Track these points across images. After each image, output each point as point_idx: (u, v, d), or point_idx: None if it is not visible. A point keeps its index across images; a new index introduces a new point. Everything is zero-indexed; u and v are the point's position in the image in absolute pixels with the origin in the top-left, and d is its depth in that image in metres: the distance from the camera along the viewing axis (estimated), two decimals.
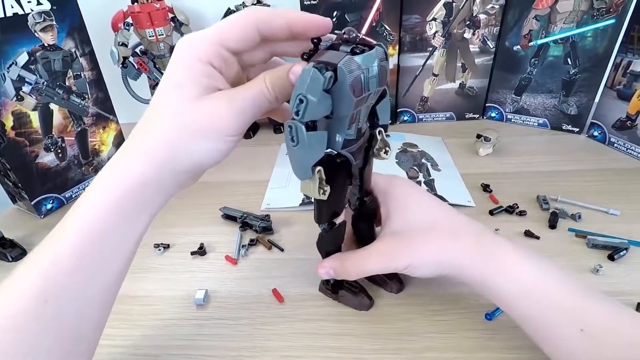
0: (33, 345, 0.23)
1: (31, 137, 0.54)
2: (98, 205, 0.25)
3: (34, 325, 0.23)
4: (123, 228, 0.26)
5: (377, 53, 0.26)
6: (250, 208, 0.54)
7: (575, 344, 0.28)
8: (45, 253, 0.25)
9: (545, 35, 0.65)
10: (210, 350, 0.37)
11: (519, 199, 0.53)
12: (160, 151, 0.25)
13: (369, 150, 0.33)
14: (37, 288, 0.24)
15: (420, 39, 0.69)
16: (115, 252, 0.26)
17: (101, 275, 0.26)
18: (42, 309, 0.23)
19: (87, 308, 0.26)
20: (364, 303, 0.39)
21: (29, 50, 0.51)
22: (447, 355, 0.35)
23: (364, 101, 0.27)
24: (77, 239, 0.25)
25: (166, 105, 0.26)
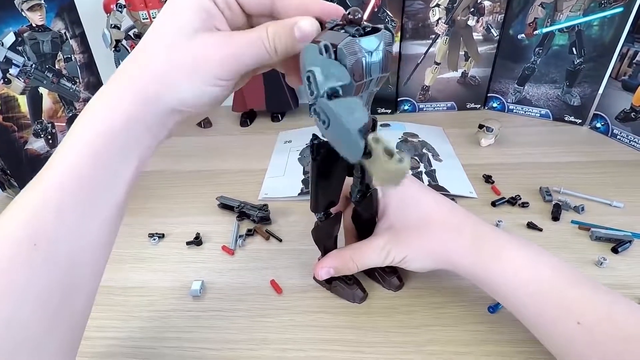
0: (23, 292, 0.22)
1: (20, 122, 0.52)
2: (85, 140, 0.23)
3: (22, 271, 0.22)
4: (112, 167, 0.24)
5: (382, 36, 0.24)
6: (247, 198, 0.53)
7: (572, 335, 0.28)
8: (31, 195, 0.23)
9: (550, 24, 0.63)
10: (207, 342, 0.36)
11: (521, 190, 0.52)
12: (147, 83, 0.24)
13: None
14: (25, 232, 0.22)
15: (422, 25, 0.67)
16: (104, 193, 0.24)
17: (92, 217, 0.24)
18: (31, 254, 0.22)
19: (79, 253, 0.24)
20: (357, 295, 0.38)
21: (16, 31, 0.49)
22: (450, 348, 0.34)
23: (364, 87, 0.25)
24: (65, 178, 0.23)
25: (159, 37, 0.24)
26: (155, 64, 0.24)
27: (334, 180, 0.33)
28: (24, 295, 0.22)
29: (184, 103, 0.25)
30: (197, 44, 0.24)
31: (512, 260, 0.32)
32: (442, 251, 0.34)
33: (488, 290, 0.33)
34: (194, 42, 0.24)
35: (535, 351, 0.33)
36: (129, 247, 0.47)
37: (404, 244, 0.35)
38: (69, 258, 0.23)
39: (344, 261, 0.36)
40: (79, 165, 0.23)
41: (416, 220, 0.35)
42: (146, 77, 0.24)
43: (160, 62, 0.24)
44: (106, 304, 0.40)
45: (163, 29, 0.24)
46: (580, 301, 0.29)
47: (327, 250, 0.38)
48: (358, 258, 0.36)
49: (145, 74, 0.24)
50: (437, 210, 0.36)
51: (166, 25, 0.24)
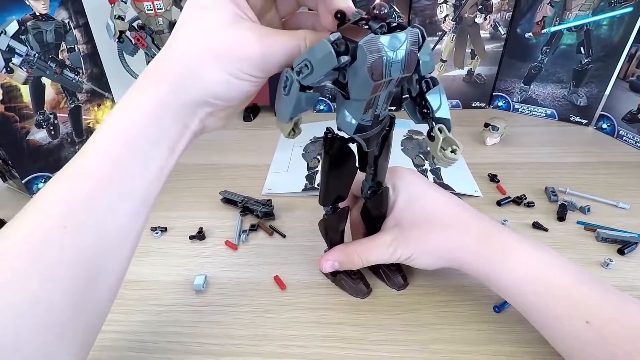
0: (52, 272, 0.22)
1: (22, 112, 0.51)
2: (117, 128, 0.24)
3: (52, 250, 0.22)
4: (142, 155, 0.24)
5: (408, 35, 0.23)
6: (250, 193, 0.52)
7: (581, 335, 0.28)
8: (64, 179, 0.24)
9: (559, 23, 0.63)
10: (210, 338, 0.35)
11: (527, 190, 0.51)
12: (177, 73, 0.24)
13: (387, 138, 0.31)
14: (56, 213, 0.23)
15: (430, 22, 0.67)
16: (133, 181, 0.24)
17: (121, 204, 0.24)
18: (61, 234, 0.22)
19: (107, 238, 0.24)
20: (360, 290, 0.38)
21: (19, 19, 0.48)
22: (455, 347, 0.34)
23: (383, 86, 0.25)
24: (95, 165, 0.24)
25: (194, 23, 0.24)
26: (186, 53, 0.24)
27: (344, 175, 0.33)
28: (53, 274, 0.22)
29: (212, 94, 0.25)
30: (233, 35, 0.24)
31: (521, 258, 0.32)
32: (448, 249, 0.34)
33: (496, 289, 0.33)
34: (230, 33, 0.24)
35: (541, 351, 0.33)
36: None
37: (410, 242, 0.35)
38: (97, 243, 0.24)
39: (350, 256, 0.36)
40: (109, 153, 0.24)
41: (423, 218, 0.35)
42: (176, 67, 0.24)
43: (192, 53, 0.24)
44: None
45: (197, 17, 0.24)
46: (589, 301, 0.29)
47: (333, 244, 0.38)
48: (364, 253, 0.36)
49: (175, 64, 0.24)
50: (445, 208, 0.35)
51: (199, 14, 0.24)
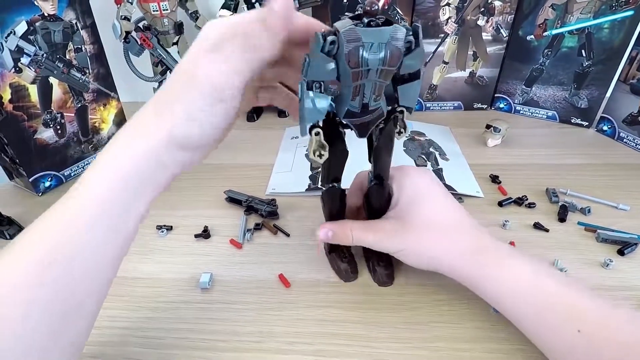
0: (32, 312, 0.23)
1: (30, 111, 0.52)
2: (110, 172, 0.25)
3: (34, 290, 0.23)
4: (128, 199, 0.26)
5: (392, 31, 0.25)
6: (254, 192, 0.53)
7: (573, 344, 0.28)
8: (50, 220, 0.25)
9: (560, 25, 0.63)
10: (215, 334, 0.36)
11: (528, 191, 0.52)
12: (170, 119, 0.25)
13: (386, 132, 0.32)
14: (41, 254, 0.23)
15: (432, 24, 0.68)
16: (118, 223, 0.26)
17: (108, 244, 0.25)
18: (43, 273, 0.23)
19: (89, 276, 0.25)
20: (347, 272, 0.40)
21: (28, 20, 0.49)
22: (455, 345, 0.34)
23: (363, 75, 0.26)
24: (85, 206, 0.24)
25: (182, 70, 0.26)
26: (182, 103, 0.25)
27: (336, 156, 0.34)
28: (34, 313, 0.23)
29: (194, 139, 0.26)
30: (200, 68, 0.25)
31: (513, 268, 0.32)
32: (440, 254, 0.35)
33: (487, 298, 0.33)
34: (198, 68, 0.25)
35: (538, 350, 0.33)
36: (137, 238, 0.45)
37: (403, 238, 0.35)
38: (79, 283, 0.25)
39: (344, 229, 0.37)
40: (98, 198, 0.25)
41: (422, 219, 0.36)
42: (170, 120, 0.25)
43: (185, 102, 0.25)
44: (115, 294, 0.40)
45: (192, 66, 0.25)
46: (580, 309, 0.29)
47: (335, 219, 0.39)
48: (357, 231, 0.36)
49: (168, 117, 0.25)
50: (446, 215, 0.36)
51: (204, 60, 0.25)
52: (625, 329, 0.27)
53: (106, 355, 0.34)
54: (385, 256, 0.40)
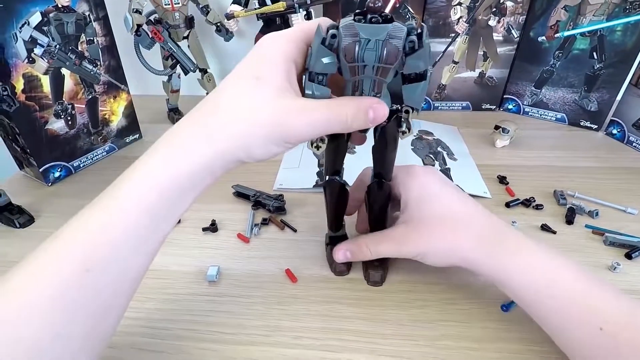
0: (73, 312, 0.24)
1: (41, 102, 0.52)
2: (154, 184, 0.25)
3: (74, 292, 0.23)
4: (170, 208, 0.26)
5: (391, 29, 0.25)
6: (262, 187, 0.53)
7: (595, 341, 0.28)
8: (93, 221, 0.25)
9: (573, 27, 0.63)
10: (223, 327, 0.36)
11: (536, 192, 0.52)
12: (225, 141, 0.26)
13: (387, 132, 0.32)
14: (81, 256, 0.24)
15: (443, 23, 0.67)
16: (158, 227, 0.26)
17: (142, 250, 0.26)
18: (83, 277, 0.24)
19: (123, 282, 0.26)
20: (338, 267, 0.41)
21: (42, 11, 0.49)
22: (462, 344, 0.34)
23: (360, 71, 0.27)
24: (128, 211, 0.25)
25: (244, 96, 0.26)
26: (237, 126, 0.26)
27: (334, 149, 0.35)
28: (73, 315, 0.24)
29: (252, 158, 0.27)
30: (279, 109, 0.25)
31: (534, 261, 0.32)
32: (458, 249, 0.34)
33: (507, 291, 0.33)
34: (277, 108, 0.25)
35: (548, 350, 0.33)
36: None
37: (419, 239, 0.35)
38: (113, 286, 0.25)
39: (360, 246, 0.37)
40: (142, 202, 0.25)
41: (434, 216, 0.35)
42: (226, 140, 0.26)
43: (242, 126, 0.26)
44: None
45: (247, 90, 0.26)
46: (603, 307, 0.29)
47: (333, 215, 0.40)
48: (372, 245, 0.37)
49: (223, 137, 0.26)
50: (458, 209, 0.36)
51: (250, 86, 0.26)
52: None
53: (114, 344, 0.35)
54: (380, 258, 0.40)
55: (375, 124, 0.28)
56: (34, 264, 0.24)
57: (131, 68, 0.67)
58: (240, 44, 0.80)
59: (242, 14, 0.66)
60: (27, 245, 0.26)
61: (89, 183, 0.57)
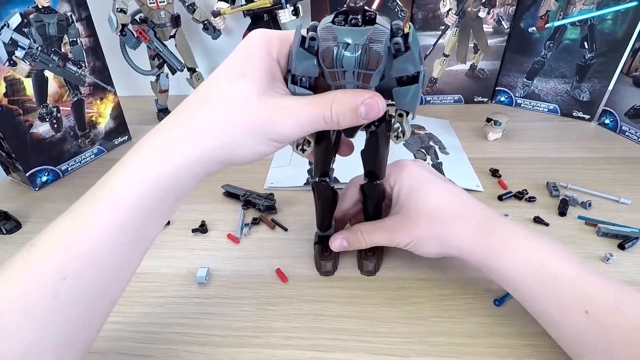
0: (46, 322, 0.23)
1: (25, 105, 0.52)
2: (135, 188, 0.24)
3: (48, 301, 0.23)
4: (153, 212, 0.25)
5: (372, 32, 0.23)
6: (252, 186, 0.53)
7: (580, 325, 0.28)
8: (71, 228, 0.24)
9: (563, 17, 0.62)
10: (213, 329, 0.36)
11: (528, 185, 0.52)
12: (209, 141, 0.25)
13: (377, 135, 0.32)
14: (57, 264, 0.23)
15: (432, 16, 0.67)
16: (140, 233, 0.26)
17: (122, 258, 0.25)
18: (59, 286, 0.23)
19: (104, 290, 0.25)
20: (323, 267, 0.40)
21: (21, 12, 0.48)
22: (456, 340, 0.34)
23: (340, 77, 0.25)
24: (107, 218, 0.24)
25: (227, 92, 0.25)
26: (224, 124, 0.25)
27: (321, 150, 0.34)
28: (47, 324, 0.23)
29: (238, 158, 0.26)
30: (265, 109, 0.25)
31: (523, 247, 0.32)
32: (449, 238, 0.34)
33: (496, 278, 0.33)
34: (261, 106, 0.25)
35: (541, 344, 0.33)
36: None
37: (410, 229, 0.35)
38: (93, 291, 0.24)
39: (355, 234, 0.37)
40: (122, 205, 0.24)
41: (424, 209, 0.35)
42: (210, 140, 0.25)
43: (226, 124, 0.25)
44: None
45: (231, 86, 0.25)
46: (589, 291, 0.29)
47: (322, 216, 0.40)
48: (367, 235, 0.37)
49: (211, 135, 0.25)
50: (448, 199, 0.36)
51: (234, 82, 0.25)
52: (635, 314, 0.27)
53: (101, 349, 0.34)
54: (374, 248, 0.40)
55: (370, 121, 0.26)
56: (7, 273, 0.23)
57: (118, 69, 0.66)
58: (228, 42, 0.79)
59: (229, 11, 0.65)
60: (14, 252, 0.25)
61: (77, 187, 0.56)
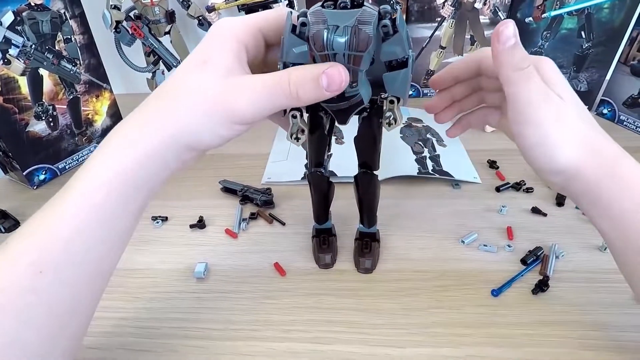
0: (27, 316, 0.23)
1: (20, 103, 0.51)
2: (103, 177, 0.24)
3: (27, 296, 0.22)
4: (124, 201, 0.25)
5: (360, 14, 0.24)
6: (250, 181, 0.53)
7: None
8: (43, 222, 0.24)
9: (559, 7, 0.62)
10: (211, 323, 0.36)
11: (526, 176, 0.51)
12: (175, 123, 0.25)
13: (370, 122, 0.31)
14: (32, 258, 0.23)
15: (428, 8, 0.66)
16: (114, 224, 0.25)
17: (98, 249, 0.25)
18: (36, 280, 0.23)
19: (82, 280, 0.25)
20: (322, 259, 0.40)
21: (14, 10, 0.48)
22: (454, 330, 0.34)
23: (331, 59, 0.25)
24: (78, 210, 0.24)
25: (190, 80, 0.25)
26: (186, 109, 0.25)
27: (316, 141, 0.34)
28: (27, 319, 0.22)
29: (202, 144, 0.26)
30: (219, 89, 0.24)
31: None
32: (567, 143, 0.28)
33: (601, 206, 0.28)
34: (217, 86, 0.24)
35: (538, 334, 0.33)
36: None
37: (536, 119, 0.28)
38: (72, 285, 0.24)
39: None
40: (93, 201, 0.24)
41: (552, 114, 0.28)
42: (173, 125, 0.25)
43: (185, 108, 0.25)
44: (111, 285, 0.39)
45: (192, 75, 0.25)
46: None
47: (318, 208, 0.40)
48: None
49: (174, 121, 0.25)
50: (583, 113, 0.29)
51: (195, 70, 0.25)
52: None
53: (102, 345, 0.34)
54: (370, 245, 0.40)
55: (335, 93, 0.25)
56: None
57: (113, 66, 0.66)
58: None
59: (224, 6, 0.65)
60: None
61: None
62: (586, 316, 0.34)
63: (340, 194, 0.40)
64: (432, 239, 0.43)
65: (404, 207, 0.48)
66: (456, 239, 0.43)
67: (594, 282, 0.37)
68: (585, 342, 0.32)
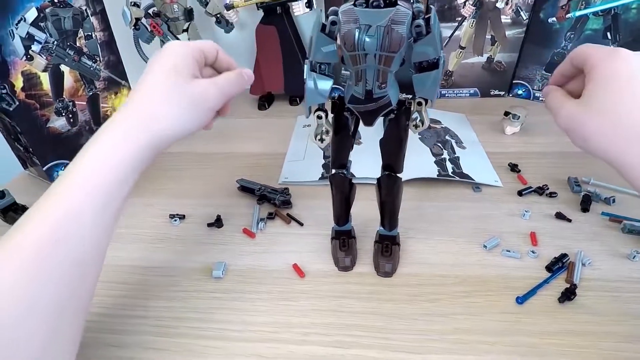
0: (47, 281, 0.25)
1: (42, 99, 0.52)
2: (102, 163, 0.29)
3: (47, 262, 0.25)
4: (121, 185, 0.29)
5: (394, 14, 0.23)
6: (267, 181, 0.52)
7: None
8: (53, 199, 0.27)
9: (585, 7, 0.60)
10: (230, 324, 0.36)
11: (549, 180, 0.50)
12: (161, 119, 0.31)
13: (398, 124, 0.31)
14: (48, 228, 0.26)
15: (449, 7, 0.65)
16: (112, 203, 0.29)
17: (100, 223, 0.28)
18: (54, 248, 0.25)
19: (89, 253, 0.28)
20: (342, 261, 0.40)
21: (37, 6, 0.48)
22: (475, 337, 0.33)
23: (361, 60, 0.25)
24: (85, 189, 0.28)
25: (168, 80, 0.31)
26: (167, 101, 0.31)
27: (340, 142, 0.34)
28: (47, 284, 0.25)
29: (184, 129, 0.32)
30: (197, 87, 0.32)
31: None
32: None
33: None
34: (194, 85, 0.32)
35: (565, 344, 0.32)
36: (149, 227, 0.47)
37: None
38: (81, 256, 0.27)
39: None
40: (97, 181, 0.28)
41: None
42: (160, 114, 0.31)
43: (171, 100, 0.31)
44: (130, 282, 0.40)
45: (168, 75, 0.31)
46: None
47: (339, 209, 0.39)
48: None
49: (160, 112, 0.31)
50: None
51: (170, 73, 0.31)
52: None
53: (123, 343, 0.35)
54: (391, 248, 0.39)
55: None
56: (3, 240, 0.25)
57: (132, 63, 0.66)
58: (240, 35, 0.79)
59: (242, 4, 0.65)
60: None
61: None
62: (618, 327, 0.33)
63: (358, 195, 0.40)
64: (453, 243, 0.43)
65: (424, 210, 0.47)
66: (478, 243, 0.42)
67: (623, 291, 0.36)
68: (617, 355, 0.31)
